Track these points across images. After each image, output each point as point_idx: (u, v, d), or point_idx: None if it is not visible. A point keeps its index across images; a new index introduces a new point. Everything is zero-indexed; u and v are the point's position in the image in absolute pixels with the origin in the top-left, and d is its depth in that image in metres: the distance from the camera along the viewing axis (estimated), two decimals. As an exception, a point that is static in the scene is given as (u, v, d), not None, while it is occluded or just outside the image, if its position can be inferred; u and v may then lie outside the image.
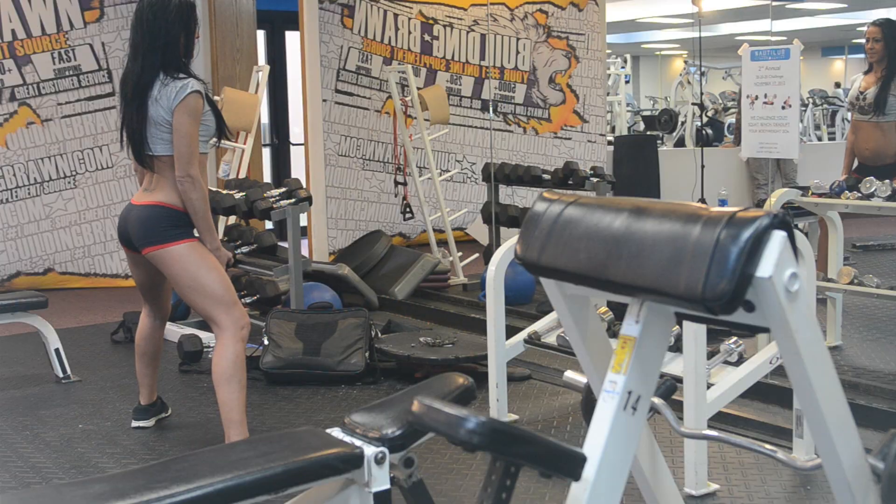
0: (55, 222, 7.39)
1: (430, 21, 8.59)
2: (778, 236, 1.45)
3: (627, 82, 15.21)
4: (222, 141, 4.12)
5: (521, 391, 4.52)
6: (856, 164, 5.89)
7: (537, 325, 4.22)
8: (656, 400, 1.93)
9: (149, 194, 3.70)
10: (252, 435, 3.63)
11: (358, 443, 2.31)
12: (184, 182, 3.58)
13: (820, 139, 14.09)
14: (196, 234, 3.68)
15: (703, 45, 8.66)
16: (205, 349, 5.11)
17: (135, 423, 4.13)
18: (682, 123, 12.26)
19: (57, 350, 4.91)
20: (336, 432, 2.40)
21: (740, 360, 3.49)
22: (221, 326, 3.60)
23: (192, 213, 3.62)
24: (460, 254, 7.10)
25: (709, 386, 3.29)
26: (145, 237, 3.62)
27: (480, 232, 7.38)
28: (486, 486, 1.62)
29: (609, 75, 11.95)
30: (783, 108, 5.02)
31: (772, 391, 4.06)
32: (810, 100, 14.19)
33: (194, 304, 3.69)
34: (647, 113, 14.55)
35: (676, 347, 3.48)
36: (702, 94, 10.82)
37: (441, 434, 1.60)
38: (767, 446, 1.83)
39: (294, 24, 7.47)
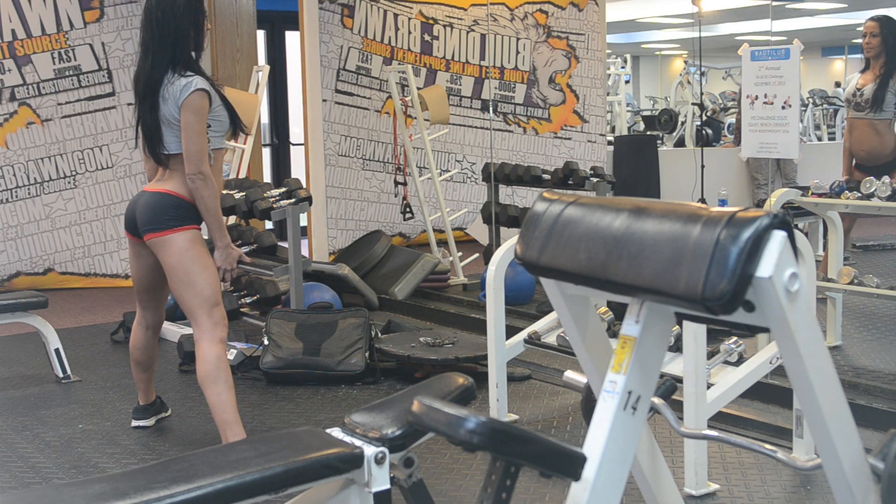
0: (55, 222, 7.39)
1: (430, 21, 8.59)
2: (778, 236, 1.45)
3: (627, 82, 15.22)
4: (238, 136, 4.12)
5: (521, 391, 4.52)
6: (853, 163, 5.89)
7: (537, 325, 4.22)
8: (656, 400, 1.93)
9: (161, 183, 3.71)
10: (252, 435, 3.63)
11: (358, 443, 2.32)
12: (195, 179, 3.59)
13: (820, 139, 14.09)
14: (199, 225, 3.69)
15: (703, 45, 8.66)
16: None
17: (135, 423, 4.13)
18: (682, 123, 12.26)
19: (57, 350, 4.91)
20: (336, 432, 2.40)
21: (740, 360, 3.48)
22: (201, 327, 3.60)
23: (204, 211, 3.63)
24: (460, 254, 7.10)
25: (709, 386, 3.29)
26: (150, 222, 3.63)
27: (480, 232, 7.38)
28: (486, 486, 1.62)
29: (609, 75, 11.95)
30: (783, 108, 5.02)
31: (772, 391, 4.06)
32: (810, 100, 14.20)
33: (180, 298, 3.68)
34: (647, 113, 14.56)
35: (676, 347, 3.48)
36: (702, 94, 10.82)
37: (441, 434, 1.60)
38: (767, 446, 1.83)
39: (294, 24, 7.47)
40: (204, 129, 3.62)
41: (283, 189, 5.42)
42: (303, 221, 5.70)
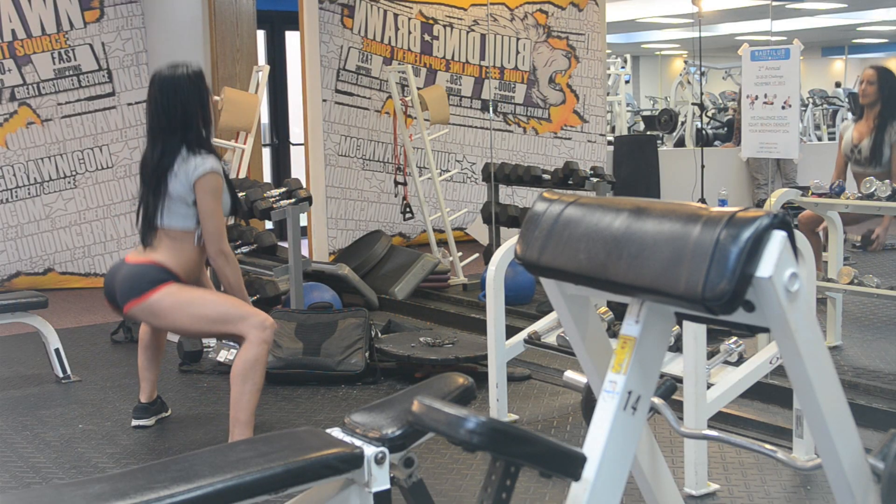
0: (55, 222, 7.39)
1: (430, 21, 8.59)
2: (778, 236, 1.45)
3: (627, 82, 15.22)
4: (232, 216, 4.13)
5: (521, 391, 4.52)
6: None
7: (537, 325, 4.22)
8: (656, 400, 1.93)
9: (145, 255, 3.68)
10: (253, 435, 3.63)
11: (358, 443, 2.32)
12: (217, 259, 3.62)
13: (820, 139, 14.09)
14: (178, 281, 3.66)
15: (703, 45, 8.66)
16: (204, 349, 5.11)
17: (135, 423, 4.13)
18: (682, 123, 12.26)
19: (57, 350, 4.91)
20: (336, 432, 2.40)
21: (740, 360, 3.48)
22: (244, 335, 3.59)
23: (227, 287, 3.68)
24: (460, 254, 7.10)
25: (709, 386, 3.28)
26: (129, 292, 3.58)
27: (480, 232, 7.38)
28: (486, 486, 1.62)
29: (609, 75, 11.95)
30: (783, 108, 5.01)
31: (772, 391, 4.06)
32: (810, 100, 14.20)
33: (213, 334, 3.67)
34: (647, 113, 14.55)
35: (676, 347, 3.48)
36: (702, 94, 10.82)
37: (441, 434, 1.60)
38: (767, 446, 1.83)
39: (294, 24, 7.47)
40: (220, 209, 3.65)
41: (283, 189, 5.42)
42: (303, 221, 5.70)
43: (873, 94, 5.72)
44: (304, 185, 5.62)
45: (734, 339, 3.54)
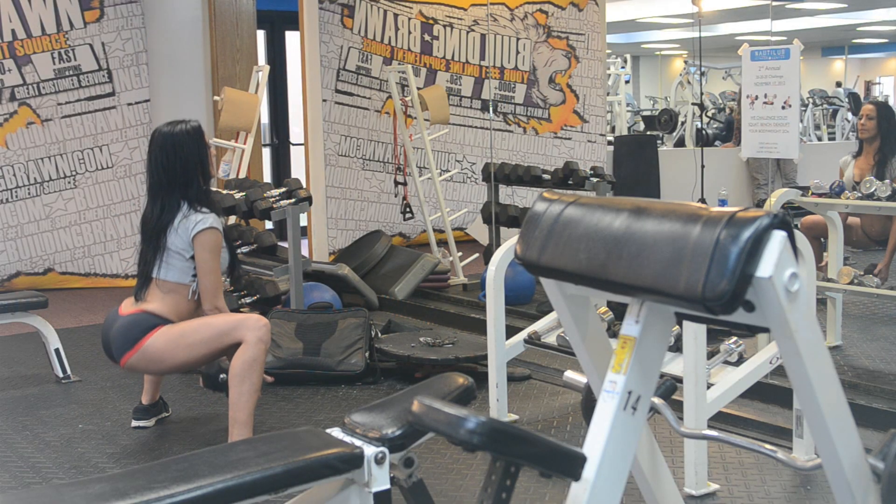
0: (55, 222, 7.38)
1: (430, 21, 8.59)
2: (778, 236, 1.45)
3: (627, 82, 15.22)
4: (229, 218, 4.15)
5: (521, 391, 4.52)
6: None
7: (537, 325, 4.22)
8: (656, 400, 1.93)
9: (137, 305, 3.71)
10: (252, 435, 3.63)
11: (358, 443, 2.32)
12: (212, 314, 3.63)
13: (820, 139, 14.09)
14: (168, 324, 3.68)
15: (703, 45, 8.66)
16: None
17: (135, 423, 4.13)
18: (682, 123, 12.26)
19: (57, 350, 4.91)
20: (336, 432, 2.40)
21: (740, 360, 3.49)
22: (243, 339, 3.61)
23: None
24: (460, 254, 7.10)
25: (709, 386, 3.29)
26: (122, 345, 3.61)
27: (480, 232, 7.38)
28: (486, 486, 1.62)
29: (609, 75, 11.95)
30: (783, 108, 5.02)
31: (772, 391, 4.06)
32: (810, 100, 14.20)
33: (216, 354, 3.69)
34: (647, 113, 14.55)
35: (676, 347, 3.48)
36: (702, 94, 10.82)
37: (441, 434, 1.60)
38: (767, 446, 1.83)
39: (294, 24, 7.47)
40: (218, 267, 3.69)
41: (283, 189, 5.42)
42: (303, 221, 5.70)
43: (873, 129, 5.75)
44: (304, 185, 5.62)
45: (734, 339, 3.54)
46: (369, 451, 2.28)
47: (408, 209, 7.38)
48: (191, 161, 3.69)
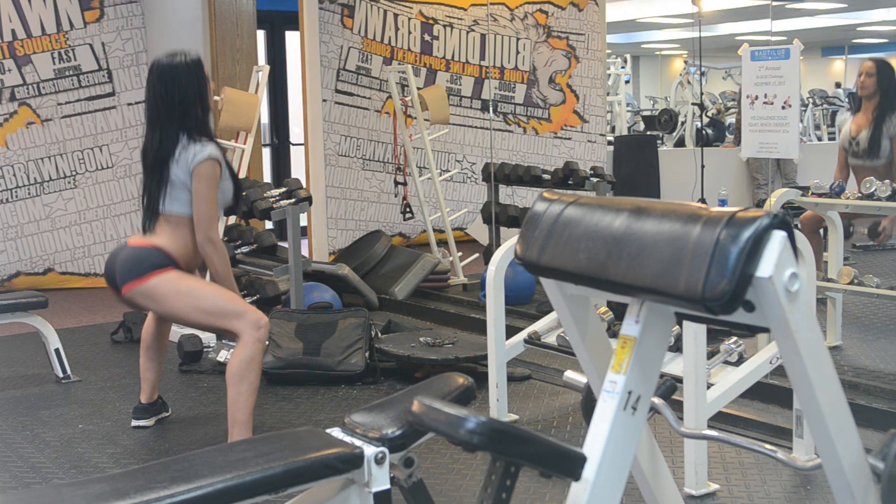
0: (55, 222, 7.39)
1: (430, 21, 8.59)
2: (778, 236, 1.45)
3: (627, 82, 15.22)
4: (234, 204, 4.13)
5: (521, 391, 4.52)
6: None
7: (537, 325, 4.22)
8: (656, 400, 1.93)
9: (146, 238, 3.70)
10: (252, 435, 3.63)
11: (358, 443, 2.31)
12: (205, 246, 3.62)
13: (820, 139, 14.09)
14: (178, 268, 3.66)
15: (703, 45, 8.66)
16: (204, 349, 5.11)
17: (135, 423, 4.13)
18: (682, 123, 12.26)
19: (57, 350, 4.91)
20: (336, 432, 2.40)
21: (740, 360, 3.48)
22: (239, 333, 3.59)
23: (215, 275, 3.67)
24: (460, 254, 7.10)
25: (709, 386, 3.29)
26: (128, 273, 3.60)
27: (480, 232, 7.38)
28: (486, 486, 1.62)
29: (609, 75, 11.95)
30: (783, 108, 5.01)
31: (772, 391, 4.06)
32: (810, 100, 14.20)
33: (205, 327, 3.68)
34: (647, 113, 14.56)
35: (676, 347, 3.48)
36: (702, 94, 10.82)
37: (441, 434, 1.60)
38: (767, 446, 1.83)
39: (294, 24, 7.47)
40: (214, 197, 3.65)
41: (283, 189, 5.42)
42: (303, 221, 5.70)
43: (872, 87, 5.71)
44: (304, 185, 5.62)
45: (734, 339, 3.54)
46: (369, 451, 2.28)
47: (408, 209, 7.38)
48: (189, 93, 3.67)
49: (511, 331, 4.14)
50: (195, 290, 3.60)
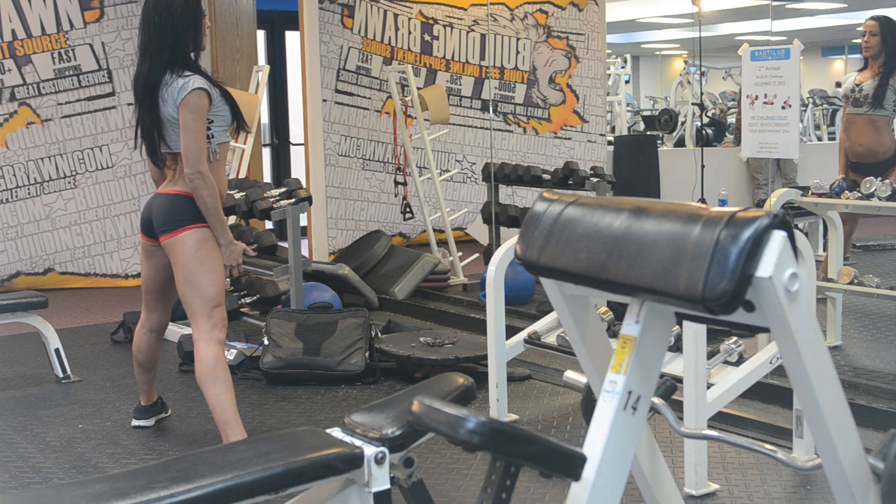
0: (55, 222, 7.39)
1: (430, 21, 8.59)
2: (778, 236, 1.45)
3: (627, 82, 15.22)
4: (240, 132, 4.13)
5: (521, 391, 4.52)
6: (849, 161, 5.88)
7: (537, 325, 4.22)
8: (656, 400, 1.93)
9: (172, 185, 3.73)
10: (252, 435, 3.63)
11: (358, 443, 2.31)
12: (194, 179, 3.59)
13: (820, 139, 14.09)
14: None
15: (703, 45, 8.66)
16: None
17: (135, 423, 4.13)
18: (682, 123, 12.26)
19: (57, 350, 4.91)
20: (336, 432, 2.40)
21: (740, 360, 3.48)
22: (199, 327, 3.61)
23: (203, 210, 3.64)
24: (460, 254, 7.10)
25: (709, 386, 3.28)
26: (165, 223, 3.64)
27: (480, 232, 7.38)
28: (486, 486, 1.62)
29: (609, 75, 11.95)
30: (783, 108, 5.02)
31: (772, 391, 4.06)
32: (810, 100, 14.19)
33: (184, 297, 3.69)
34: (647, 113, 14.56)
35: (676, 347, 3.48)
36: (702, 94, 10.82)
37: (441, 434, 1.60)
38: (767, 446, 1.83)
39: (294, 24, 7.47)
40: (202, 129, 3.62)
41: (283, 189, 5.41)
42: (303, 221, 5.70)
43: (877, 46, 5.60)
44: (304, 185, 5.62)
45: (734, 339, 3.53)
46: (369, 451, 2.28)
47: (408, 209, 7.38)
48: (182, 22, 3.66)
49: (511, 331, 4.14)
50: (206, 263, 3.62)
